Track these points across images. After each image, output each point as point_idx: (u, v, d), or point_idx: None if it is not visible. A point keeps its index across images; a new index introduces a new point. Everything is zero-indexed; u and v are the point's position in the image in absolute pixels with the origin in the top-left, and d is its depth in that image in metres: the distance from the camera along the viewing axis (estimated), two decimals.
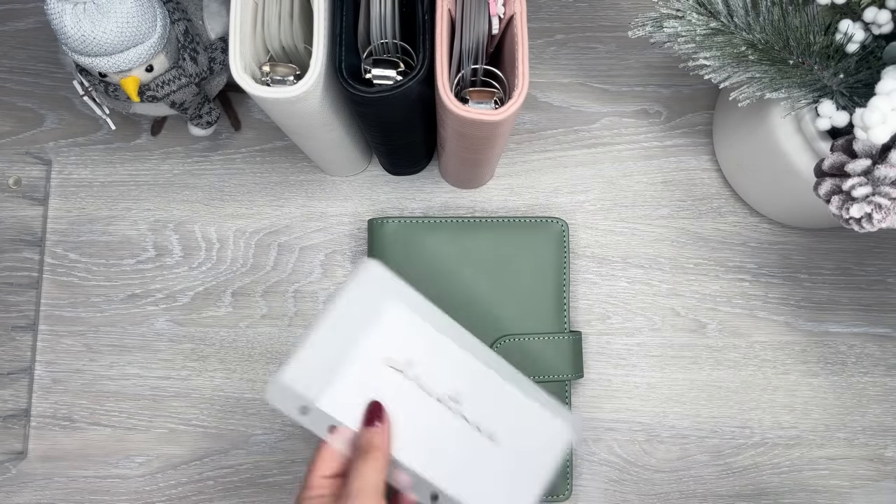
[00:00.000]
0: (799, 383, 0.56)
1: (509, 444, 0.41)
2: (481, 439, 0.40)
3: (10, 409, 0.56)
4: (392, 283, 0.41)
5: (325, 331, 0.40)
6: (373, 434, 0.38)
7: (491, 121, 0.39)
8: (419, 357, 0.40)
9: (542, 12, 0.61)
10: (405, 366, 0.40)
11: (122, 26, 0.42)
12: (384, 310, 0.40)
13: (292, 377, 0.39)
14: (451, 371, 0.41)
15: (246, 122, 0.60)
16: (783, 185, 0.51)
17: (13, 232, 0.58)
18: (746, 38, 0.44)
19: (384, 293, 0.40)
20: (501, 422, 0.41)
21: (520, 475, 0.41)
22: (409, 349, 0.40)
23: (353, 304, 0.40)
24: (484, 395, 0.41)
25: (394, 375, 0.40)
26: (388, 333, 0.40)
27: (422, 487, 0.40)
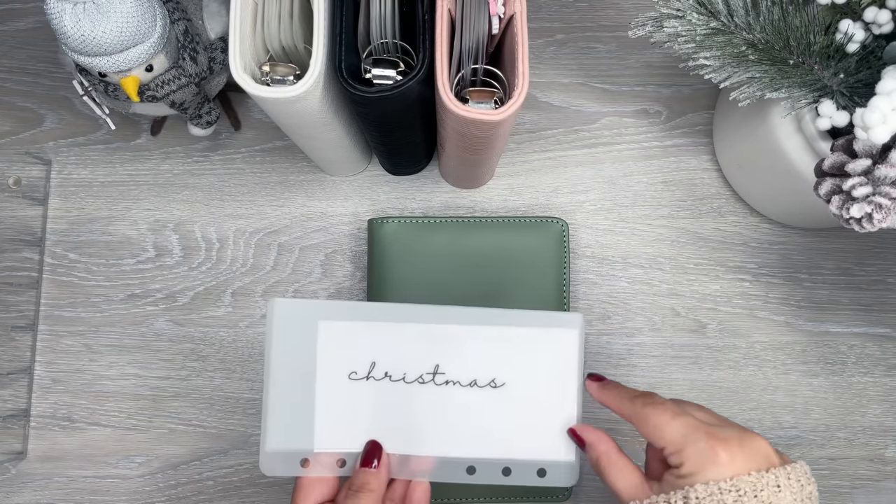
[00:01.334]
0: (799, 383, 0.56)
1: (517, 380, 0.40)
2: (484, 392, 0.40)
3: (9, 409, 0.56)
4: (305, 306, 0.40)
5: (276, 384, 0.39)
6: (368, 476, 0.38)
7: (491, 121, 0.39)
8: (377, 355, 0.39)
9: (542, 12, 0.61)
10: (369, 369, 0.39)
11: (121, 26, 0.42)
12: (317, 332, 0.39)
13: (275, 442, 0.38)
14: (417, 349, 0.39)
15: (246, 122, 0.60)
16: (783, 184, 0.51)
17: (13, 232, 0.58)
18: (747, 37, 0.44)
19: (305, 319, 0.39)
20: (497, 365, 0.40)
21: (545, 400, 0.40)
22: (362, 354, 0.39)
23: (284, 345, 0.39)
24: (464, 352, 0.40)
25: (364, 384, 0.39)
26: (332, 351, 0.39)
27: (452, 468, 0.39)
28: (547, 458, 0.40)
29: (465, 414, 0.39)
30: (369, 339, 0.39)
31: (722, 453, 0.33)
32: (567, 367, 0.40)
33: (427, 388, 0.39)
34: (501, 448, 0.40)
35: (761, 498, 0.32)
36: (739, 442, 0.33)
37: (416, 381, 0.39)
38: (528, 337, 0.40)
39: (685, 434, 0.34)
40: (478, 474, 0.39)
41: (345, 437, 0.39)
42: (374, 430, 0.39)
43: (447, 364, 0.39)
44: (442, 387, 0.39)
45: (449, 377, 0.39)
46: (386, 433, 0.39)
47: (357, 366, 0.39)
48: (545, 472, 0.40)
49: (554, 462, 0.40)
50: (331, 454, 0.39)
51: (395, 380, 0.39)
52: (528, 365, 0.40)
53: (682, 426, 0.34)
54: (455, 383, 0.40)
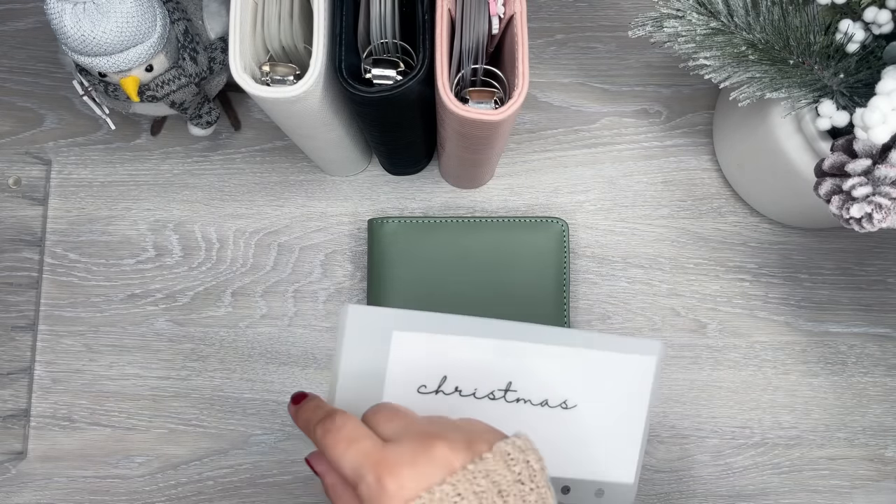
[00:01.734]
0: (799, 383, 0.56)
1: (589, 402, 0.39)
2: (555, 413, 0.39)
3: (9, 409, 0.56)
4: (380, 315, 0.38)
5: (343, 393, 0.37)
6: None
7: (491, 121, 0.39)
8: (449, 369, 0.38)
9: (542, 12, 0.61)
10: (440, 383, 0.38)
11: (121, 26, 0.42)
12: (390, 343, 0.37)
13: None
14: (490, 365, 0.38)
15: (246, 122, 0.60)
16: (783, 184, 0.51)
17: (13, 232, 0.58)
18: (746, 37, 0.44)
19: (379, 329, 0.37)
20: (570, 387, 0.39)
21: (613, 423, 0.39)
22: (434, 367, 0.38)
23: (354, 354, 0.37)
24: (538, 371, 0.39)
25: (432, 398, 0.38)
26: (403, 363, 0.38)
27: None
28: (606, 479, 0.40)
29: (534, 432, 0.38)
30: (443, 352, 0.38)
31: (390, 484, 0.29)
32: (640, 392, 0.40)
33: (497, 405, 0.38)
34: (564, 467, 0.39)
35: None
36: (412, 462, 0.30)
37: (487, 397, 0.38)
38: (607, 361, 0.39)
39: (356, 468, 0.30)
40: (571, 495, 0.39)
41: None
42: None
43: (519, 382, 0.39)
44: (513, 404, 0.39)
45: (521, 395, 0.39)
46: None
47: (427, 380, 0.38)
48: (603, 492, 0.40)
49: (613, 483, 0.40)
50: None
51: (465, 395, 0.38)
52: (602, 389, 0.39)
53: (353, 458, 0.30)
54: (526, 402, 0.39)
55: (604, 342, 0.40)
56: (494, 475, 0.30)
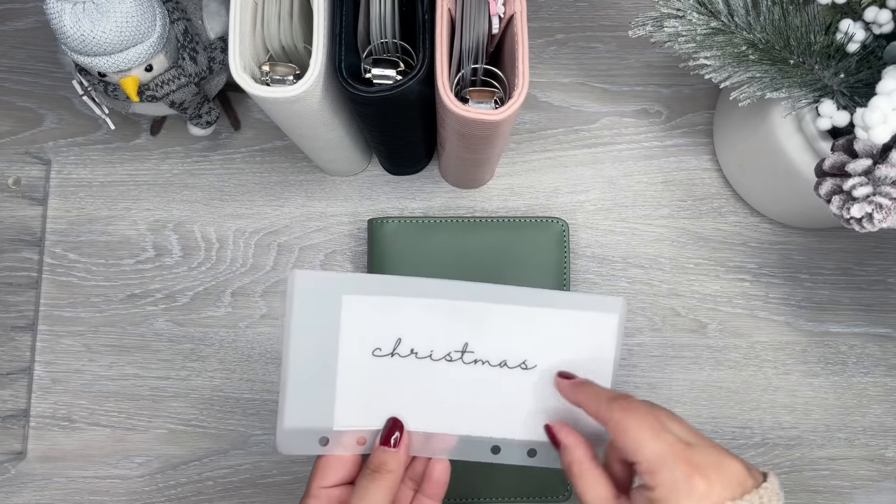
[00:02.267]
0: (799, 383, 0.56)
1: (549, 363, 0.38)
2: (514, 373, 0.38)
3: (9, 410, 0.56)
4: (328, 279, 0.38)
5: (295, 360, 0.37)
6: (388, 455, 0.37)
7: (491, 120, 0.39)
8: (403, 331, 0.38)
9: (542, 12, 0.60)
10: (395, 346, 0.38)
11: (121, 26, 0.42)
12: (340, 306, 0.37)
13: (294, 419, 0.37)
14: (446, 326, 0.38)
15: (246, 122, 0.59)
16: (784, 184, 0.50)
17: (12, 232, 0.58)
18: (747, 37, 0.44)
19: (328, 293, 0.38)
20: (529, 347, 0.38)
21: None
22: (388, 329, 0.38)
23: (304, 319, 0.37)
24: (495, 331, 0.38)
25: (388, 361, 0.38)
26: (356, 327, 0.38)
27: (476, 446, 0.38)
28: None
29: (493, 394, 0.38)
30: (396, 314, 0.38)
31: (699, 484, 0.31)
32: (603, 353, 0.39)
33: (455, 367, 0.38)
34: (528, 429, 0.39)
35: None
36: (717, 469, 0.32)
37: (444, 358, 0.38)
38: (566, 319, 0.39)
39: (663, 457, 0.32)
40: (503, 454, 0.39)
41: (366, 415, 0.38)
42: (396, 407, 0.38)
43: (477, 343, 0.38)
44: (470, 366, 0.38)
45: (478, 356, 0.38)
46: (409, 411, 0.38)
47: (382, 342, 0.38)
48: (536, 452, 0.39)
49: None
50: (351, 432, 0.38)
51: (421, 357, 0.38)
52: (561, 348, 0.39)
53: (661, 447, 0.33)
54: (484, 363, 0.38)
55: (562, 300, 0.39)
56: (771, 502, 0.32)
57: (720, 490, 0.31)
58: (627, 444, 0.33)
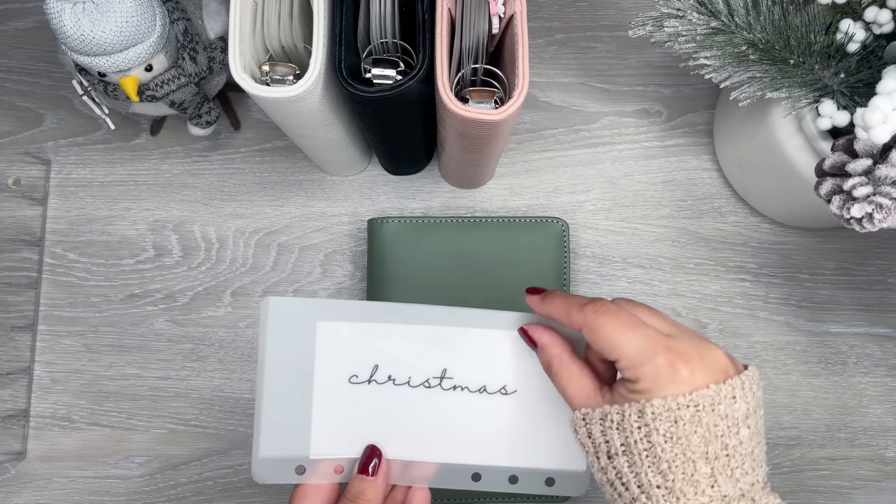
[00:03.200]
0: (800, 383, 0.56)
1: (529, 387, 0.38)
2: (495, 399, 0.38)
3: (9, 410, 0.56)
4: (303, 305, 0.38)
5: (270, 388, 0.37)
6: (366, 484, 0.36)
7: (491, 120, 0.39)
8: (380, 357, 0.37)
9: (542, 12, 0.60)
10: (371, 372, 0.37)
11: (121, 26, 0.42)
12: (315, 333, 0.37)
13: (270, 448, 0.37)
14: (424, 352, 0.38)
15: (245, 122, 0.59)
16: (784, 184, 0.50)
17: (12, 232, 0.58)
18: (747, 37, 0.44)
19: (303, 319, 0.37)
20: (508, 371, 0.38)
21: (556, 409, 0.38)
22: (365, 356, 0.37)
23: (279, 347, 0.37)
24: (474, 356, 0.38)
25: (365, 388, 0.38)
26: (331, 354, 0.37)
27: (456, 474, 0.38)
28: (556, 468, 0.39)
29: (473, 420, 0.38)
30: (372, 340, 0.37)
31: (682, 369, 0.31)
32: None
33: (433, 393, 0.38)
34: (509, 456, 0.38)
35: (718, 411, 0.31)
36: (699, 356, 0.32)
37: (422, 385, 0.38)
38: None
39: (643, 350, 0.32)
40: (483, 481, 0.38)
41: (343, 443, 0.37)
42: (374, 435, 0.38)
43: (455, 368, 0.38)
44: (449, 392, 0.38)
45: (457, 382, 0.38)
46: (388, 438, 0.38)
47: (358, 369, 0.37)
48: (554, 480, 0.39)
49: (563, 471, 0.39)
50: (328, 461, 0.37)
51: (399, 384, 0.38)
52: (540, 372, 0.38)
53: (639, 340, 0.32)
54: (464, 389, 0.38)
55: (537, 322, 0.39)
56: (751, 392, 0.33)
57: (703, 375, 0.32)
58: (605, 344, 0.33)
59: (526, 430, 0.38)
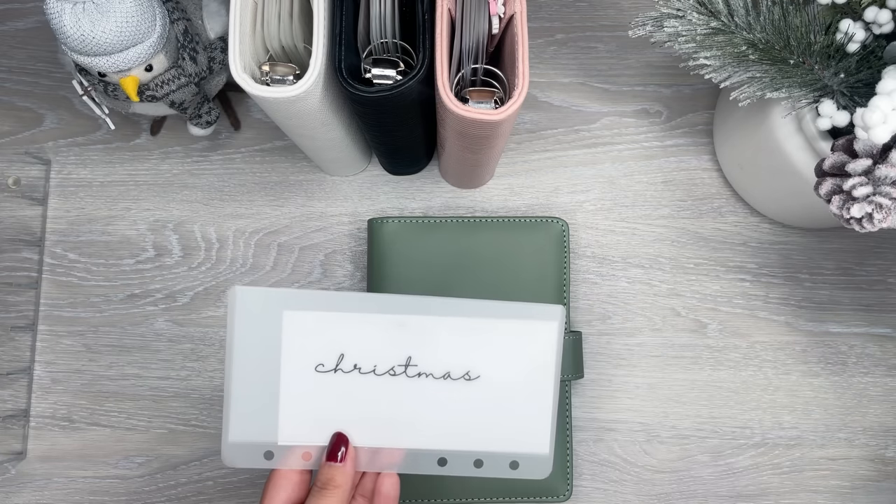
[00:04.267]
0: (800, 383, 0.56)
1: (492, 373, 0.39)
2: (458, 385, 0.39)
3: (9, 410, 0.56)
4: (268, 295, 0.38)
5: (238, 376, 0.38)
6: (335, 470, 0.37)
7: (491, 120, 0.39)
8: (345, 346, 0.38)
9: (542, 12, 0.60)
10: (337, 361, 0.38)
11: (121, 26, 0.42)
12: (281, 322, 0.38)
13: (238, 433, 0.38)
14: (388, 341, 0.38)
15: (245, 122, 0.59)
16: (784, 184, 0.50)
17: (12, 232, 0.58)
18: (747, 37, 0.44)
19: (269, 309, 0.38)
20: (471, 358, 0.39)
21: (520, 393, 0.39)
22: (330, 345, 0.38)
23: (246, 335, 0.38)
24: (438, 344, 0.39)
25: (331, 376, 0.38)
26: (297, 342, 0.38)
27: (423, 459, 0.39)
28: (519, 451, 0.39)
29: (438, 407, 0.39)
30: (337, 330, 0.38)
31: None
32: (545, 360, 0.39)
33: (398, 381, 0.39)
34: (473, 440, 0.39)
35: None
36: None
37: (387, 373, 0.39)
38: (505, 329, 0.39)
39: None
40: (449, 466, 0.39)
41: (311, 431, 0.38)
42: (342, 423, 0.39)
43: (420, 356, 0.39)
44: (414, 379, 0.39)
45: (421, 369, 0.39)
46: (355, 426, 0.39)
47: (324, 358, 0.38)
48: (518, 464, 0.40)
49: (527, 454, 0.40)
50: (296, 448, 0.38)
51: (364, 372, 0.38)
52: (504, 357, 0.39)
53: None
54: (428, 376, 0.39)
55: (503, 310, 0.39)
56: None
57: None
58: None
59: (489, 414, 0.39)
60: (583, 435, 0.55)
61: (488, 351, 0.39)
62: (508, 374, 0.39)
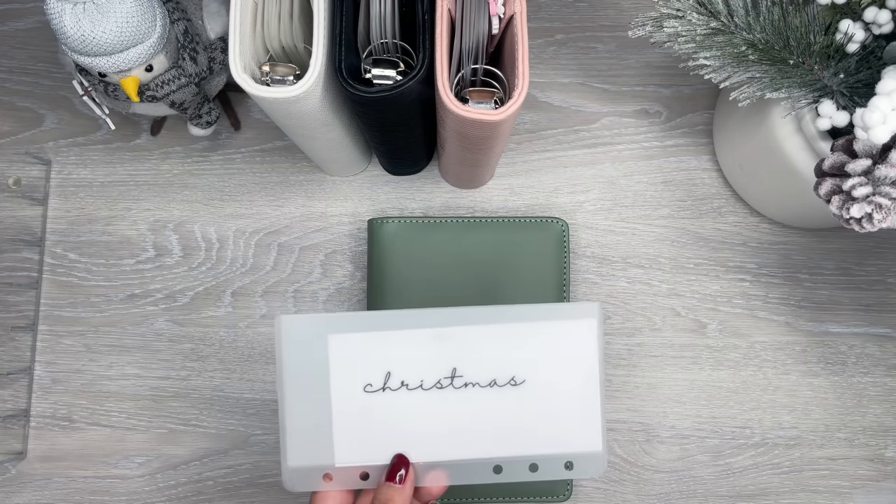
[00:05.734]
0: (799, 383, 0.56)
1: (537, 376, 0.39)
2: (505, 391, 0.39)
3: (9, 410, 0.56)
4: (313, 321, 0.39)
5: (291, 401, 0.38)
6: (393, 491, 0.37)
7: (491, 121, 0.39)
8: (391, 365, 0.39)
9: (542, 12, 0.61)
10: (385, 380, 0.39)
11: (121, 26, 0.42)
12: (327, 347, 0.39)
13: (297, 458, 0.38)
14: (431, 355, 0.39)
15: (246, 122, 0.60)
16: (783, 184, 0.51)
17: (13, 232, 0.58)
18: (747, 37, 0.44)
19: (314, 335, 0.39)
20: (515, 363, 0.39)
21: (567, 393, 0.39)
22: (376, 364, 0.39)
23: (294, 362, 0.38)
24: (480, 352, 0.39)
25: (381, 395, 0.39)
26: (345, 365, 0.39)
27: (478, 469, 0.39)
28: (573, 451, 0.40)
29: (488, 415, 0.39)
30: (382, 349, 0.39)
31: None
32: (587, 357, 0.39)
33: (446, 394, 0.39)
34: (527, 444, 0.39)
35: None
36: None
37: (434, 387, 0.39)
38: (545, 331, 0.39)
39: None
40: (505, 473, 0.39)
41: (366, 450, 0.39)
42: (395, 440, 0.39)
43: (464, 366, 0.39)
44: (461, 390, 0.39)
45: (467, 380, 0.39)
46: (408, 442, 0.39)
47: (372, 378, 0.39)
48: (572, 464, 0.40)
49: (581, 454, 0.40)
50: (353, 468, 0.39)
51: (412, 388, 0.39)
52: (546, 360, 0.39)
53: None
54: (474, 385, 0.39)
55: (538, 313, 0.39)
56: None
57: None
58: None
59: (539, 417, 0.39)
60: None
61: (531, 354, 0.39)
62: (553, 376, 0.39)
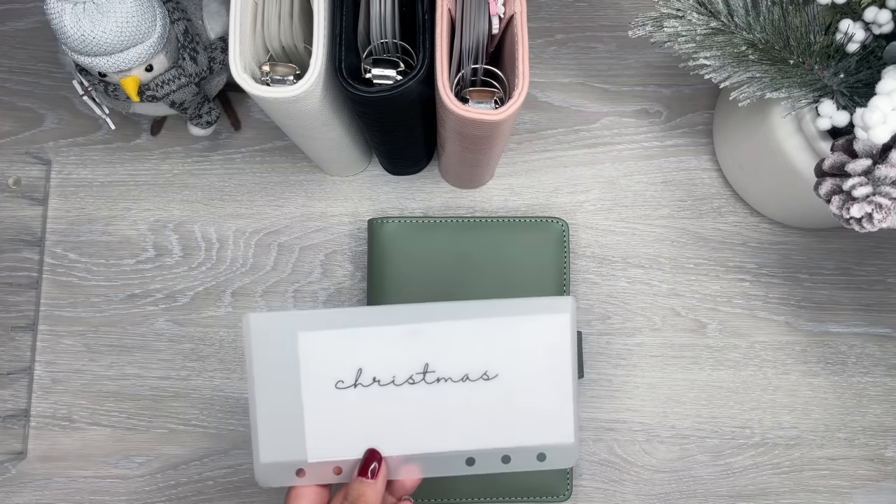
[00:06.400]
0: (799, 383, 0.56)
1: (510, 370, 0.39)
2: (478, 386, 0.39)
3: (9, 410, 0.56)
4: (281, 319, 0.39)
5: (262, 399, 0.39)
6: (365, 486, 0.37)
7: (491, 120, 0.39)
8: (362, 361, 0.39)
9: (542, 12, 0.61)
10: (356, 377, 0.39)
11: (121, 26, 0.42)
12: (297, 344, 0.39)
13: (269, 454, 0.39)
14: (403, 351, 0.39)
15: (246, 122, 0.60)
16: (783, 184, 0.51)
17: (13, 232, 0.58)
18: (747, 37, 0.44)
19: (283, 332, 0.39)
20: (487, 357, 0.39)
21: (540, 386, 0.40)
22: (347, 361, 0.39)
23: (264, 360, 0.39)
24: (452, 348, 0.39)
25: (352, 392, 0.39)
26: (315, 362, 0.39)
27: (451, 461, 0.39)
28: (545, 442, 0.40)
29: (460, 409, 0.39)
30: (353, 345, 0.39)
31: None
32: (560, 351, 0.40)
33: (418, 389, 0.39)
34: (499, 437, 0.40)
35: None
36: None
37: (407, 382, 0.39)
38: (517, 326, 0.39)
39: None
40: (477, 465, 0.40)
41: (339, 446, 0.39)
42: (368, 435, 0.39)
43: (436, 362, 0.39)
44: (433, 385, 0.39)
45: (440, 375, 0.39)
46: (381, 437, 0.39)
47: (343, 374, 0.39)
48: (545, 455, 0.40)
49: (553, 445, 0.40)
50: (326, 463, 0.39)
51: (384, 384, 0.39)
52: (519, 354, 0.39)
53: None
54: (447, 380, 0.39)
55: (511, 308, 0.39)
56: None
57: None
58: None
59: (512, 410, 0.40)
60: (583, 435, 0.55)
61: (503, 349, 0.39)
62: (526, 370, 0.40)
